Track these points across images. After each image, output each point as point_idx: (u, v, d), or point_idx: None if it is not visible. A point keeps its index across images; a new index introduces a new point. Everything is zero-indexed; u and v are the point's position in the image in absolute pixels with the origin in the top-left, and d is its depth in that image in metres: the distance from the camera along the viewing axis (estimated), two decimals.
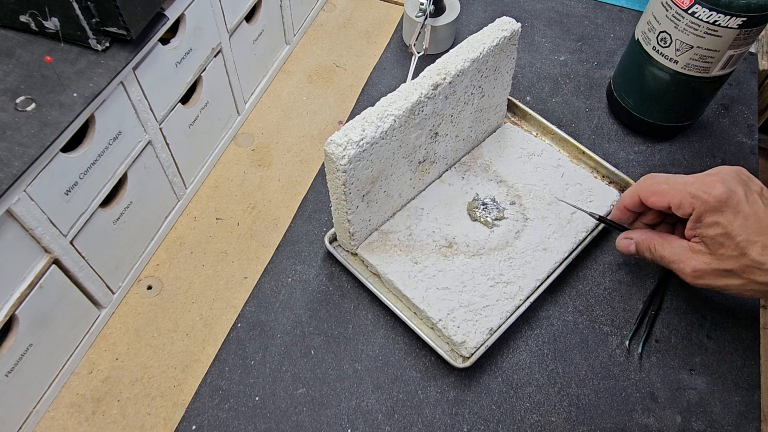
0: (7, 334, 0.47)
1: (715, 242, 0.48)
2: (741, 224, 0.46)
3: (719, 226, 0.47)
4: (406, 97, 0.52)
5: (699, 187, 0.48)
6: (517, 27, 0.59)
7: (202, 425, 0.53)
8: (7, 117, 0.44)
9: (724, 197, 0.46)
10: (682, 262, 0.50)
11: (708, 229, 0.48)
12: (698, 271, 0.49)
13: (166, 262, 0.63)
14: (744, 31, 0.59)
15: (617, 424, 0.54)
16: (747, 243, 0.46)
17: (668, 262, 0.52)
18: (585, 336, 0.59)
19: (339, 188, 0.52)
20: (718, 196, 0.47)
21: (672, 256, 0.51)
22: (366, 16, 0.87)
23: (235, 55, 0.67)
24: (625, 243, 0.57)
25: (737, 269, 0.47)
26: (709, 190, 0.47)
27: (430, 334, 0.56)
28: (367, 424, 0.53)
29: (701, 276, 0.50)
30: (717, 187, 0.47)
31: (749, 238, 0.46)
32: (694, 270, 0.49)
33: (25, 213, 0.44)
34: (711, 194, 0.47)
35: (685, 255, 0.50)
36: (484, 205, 0.63)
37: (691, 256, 0.50)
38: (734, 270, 0.48)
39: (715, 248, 0.48)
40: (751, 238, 0.46)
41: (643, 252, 0.55)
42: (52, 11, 0.47)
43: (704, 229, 0.48)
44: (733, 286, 0.49)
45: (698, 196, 0.48)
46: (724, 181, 0.47)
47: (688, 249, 0.50)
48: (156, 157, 0.59)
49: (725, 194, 0.47)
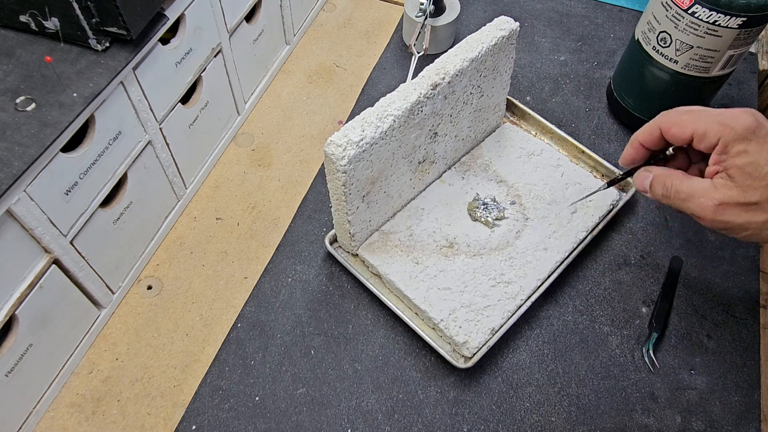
0: (7, 334, 0.47)
1: (743, 172, 0.46)
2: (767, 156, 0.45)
3: (748, 155, 0.45)
4: (405, 97, 0.52)
5: (727, 116, 0.46)
6: (515, 26, 0.59)
7: (202, 425, 0.53)
8: (7, 117, 0.44)
9: (753, 126, 0.45)
10: (704, 196, 0.47)
11: (736, 158, 0.46)
12: (723, 204, 0.46)
13: (166, 262, 0.63)
14: (744, 31, 0.59)
15: (617, 424, 0.54)
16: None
17: (685, 198, 0.49)
18: (585, 336, 0.59)
19: (339, 189, 0.52)
20: (747, 125, 0.45)
21: (691, 191, 0.48)
22: (366, 16, 0.87)
23: (235, 55, 0.67)
24: (643, 176, 0.52)
25: (763, 201, 0.46)
26: (738, 118, 0.46)
27: (431, 334, 0.56)
28: (367, 424, 0.53)
29: (724, 210, 0.47)
30: (745, 117, 0.46)
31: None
32: (720, 203, 0.46)
33: (25, 213, 0.44)
34: (739, 122, 0.45)
35: (707, 190, 0.47)
36: (485, 205, 0.63)
37: (714, 190, 0.47)
38: (759, 203, 0.46)
39: (742, 179, 0.46)
40: None
41: (657, 187, 0.51)
42: (52, 11, 0.47)
43: (732, 159, 0.46)
44: (754, 223, 0.47)
45: (726, 123, 0.46)
46: (752, 113, 0.46)
47: (710, 184, 0.47)
48: (156, 157, 0.59)
49: (754, 123, 0.45)
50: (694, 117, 0.48)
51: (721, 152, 0.47)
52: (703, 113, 0.48)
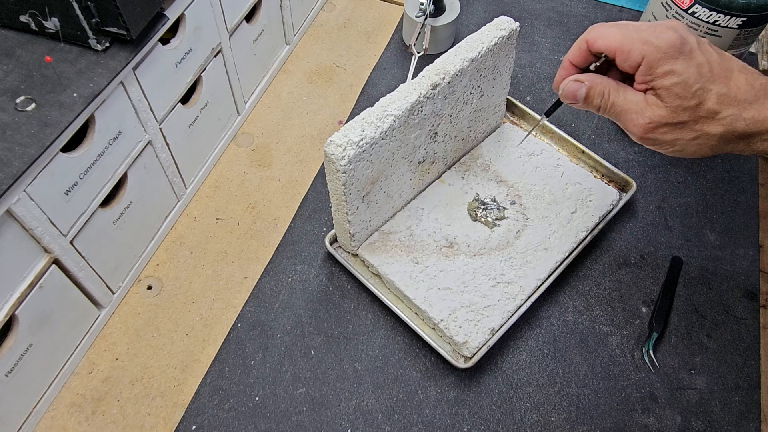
0: (7, 334, 0.47)
1: (670, 93, 0.45)
2: (696, 72, 0.44)
3: (675, 75, 0.44)
4: (405, 97, 0.52)
5: (651, 33, 0.45)
6: (515, 26, 0.59)
7: (202, 425, 0.53)
8: (7, 117, 0.44)
9: (678, 43, 0.44)
10: (636, 113, 0.46)
11: (663, 79, 0.45)
12: (653, 122, 0.46)
13: (166, 262, 0.63)
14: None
15: (617, 424, 0.54)
16: (703, 91, 0.44)
17: (619, 112, 0.48)
18: (585, 336, 0.59)
19: (339, 189, 0.52)
20: (672, 42, 0.44)
21: (626, 105, 0.47)
22: (366, 16, 0.87)
23: (235, 55, 0.67)
24: (574, 86, 0.49)
25: (691, 120, 0.45)
26: (661, 35, 0.44)
27: (431, 334, 0.56)
28: (367, 424, 0.53)
29: (654, 129, 0.46)
30: (669, 34, 0.44)
31: (705, 86, 0.44)
32: (649, 121, 0.46)
33: (25, 213, 0.44)
34: (663, 39, 0.44)
35: (640, 105, 0.46)
36: (485, 205, 0.63)
37: (645, 107, 0.46)
38: (688, 122, 0.45)
39: (671, 99, 0.45)
40: (707, 86, 0.44)
41: (594, 98, 0.49)
42: (52, 11, 0.47)
43: (659, 80, 0.45)
44: (681, 140, 0.46)
45: (650, 41, 0.44)
46: (675, 28, 0.45)
47: (643, 100, 0.46)
48: (156, 157, 0.59)
49: (678, 40, 0.44)
50: (620, 32, 0.46)
51: (646, 73, 0.45)
52: (629, 28, 0.46)
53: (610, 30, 0.47)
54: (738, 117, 0.44)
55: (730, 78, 0.44)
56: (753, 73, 0.45)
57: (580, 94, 0.49)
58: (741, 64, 0.45)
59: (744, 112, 0.44)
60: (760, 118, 0.44)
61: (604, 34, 0.47)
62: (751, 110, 0.44)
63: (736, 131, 0.45)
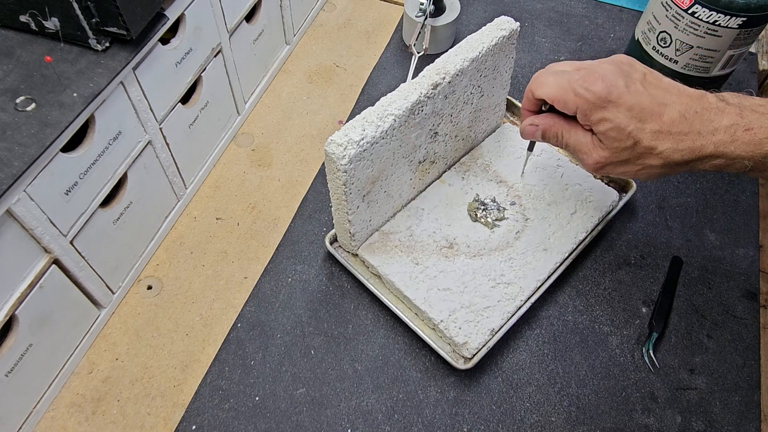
0: (7, 334, 0.47)
1: (608, 137, 0.48)
2: (627, 115, 0.47)
3: (607, 121, 0.48)
4: (405, 96, 0.52)
5: (581, 84, 0.48)
6: (515, 26, 0.59)
7: (202, 425, 0.53)
8: (7, 117, 0.44)
9: (604, 93, 0.47)
10: (585, 153, 0.51)
11: (598, 125, 0.48)
12: (599, 163, 0.50)
13: (166, 262, 0.63)
14: (744, 31, 0.59)
15: (617, 424, 0.54)
16: (638, 131, 0.47)
17: (573, 150, 0.53)
18: (585, 336, 0.59)
19: (339, 188, 0.52)
20: (599, 93, 0.47)
21: (577, 145, 0.52)
22: (366, 16, 0.87)
23: (235, 55, 0.67)
24: (530, 129, 0.55)
25: (633, 157, 0.49)
26: (591, 87, 0.48)
27: (431, 335, 0.56)
28: (367, 424, 0.53)
29: (602, 167, 0.51)
30: (597, 84, 0.47)
31: (638, 126, 0.47)
32: (596, 162, 0.50)
33: (25, 213, 0.44)
34: (591, 91, 0.47)
35: (588, 147, 0.51)
36: (485, 206, 0.63)
37: (592, 148, 0.50)
38: (630, 159, 0.49)
39: (609, 142, 0.49)
40: (640, 126, 0.47)
41: (550, 139, 0.54)
42: (52, 11, 0.47)
43: (595, 126, 0.49)
44: (629, 172, 0.50)
45: (580, 94, 0.48)
46: (604, 77, 0.48)
47: (591, 141, 0.51)
48: (156, 157, 0.59)
49: (605, 90, 0.47)
50: (556, 81, 0.50)
51: (582, 120, 0.50)
52: (564, 78, 0.50)
53: (548, 79, 0.51)
54: (675, 149, 0.47)
55: (662, 114, 0.47)
56: (690, 99, 0.48)
57: (537, 136, 0.54)
58: (678, 91, 0.48)
59: (679, 144, 0.47)
60: (696, 147, 0.47)
61: (543, 83, 0.51)
62: (686, 141, 0.47)
63: (675, 161, 0.48)
